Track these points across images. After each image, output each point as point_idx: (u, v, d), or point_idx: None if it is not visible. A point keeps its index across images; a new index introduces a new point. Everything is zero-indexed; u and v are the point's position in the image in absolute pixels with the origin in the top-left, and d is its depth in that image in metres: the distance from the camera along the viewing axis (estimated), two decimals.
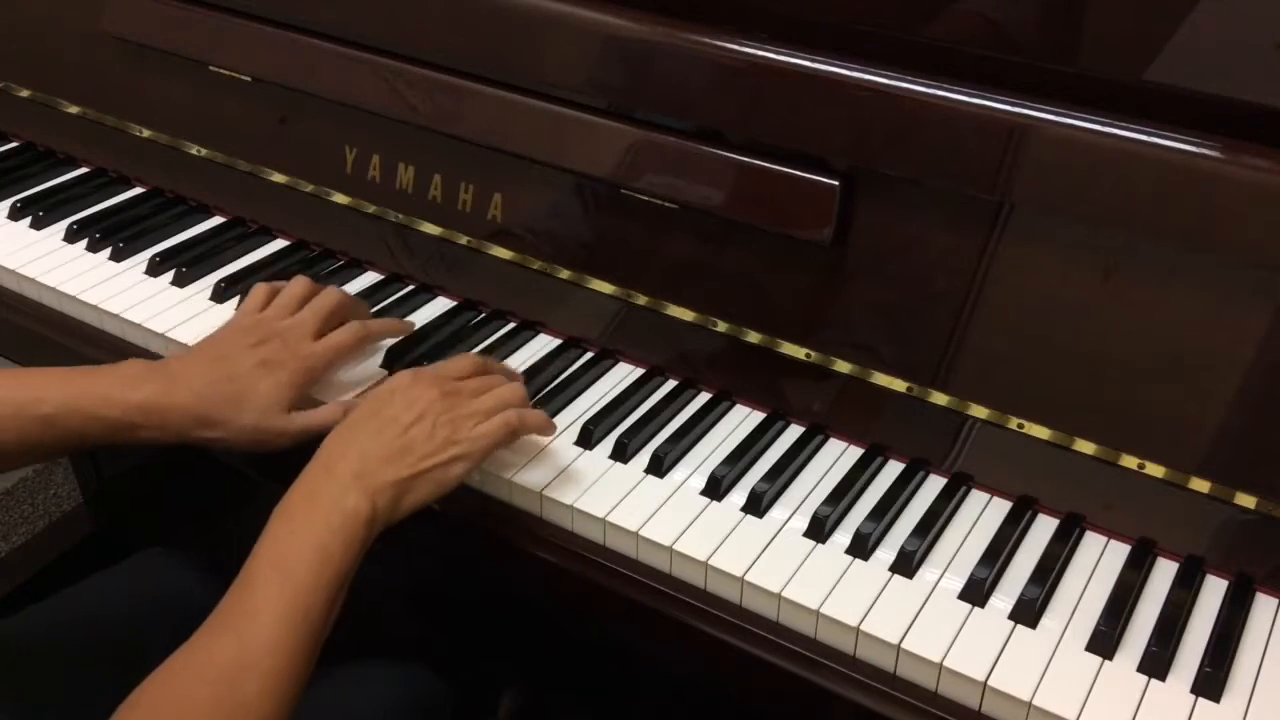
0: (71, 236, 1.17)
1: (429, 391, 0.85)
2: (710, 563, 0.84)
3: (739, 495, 0.90)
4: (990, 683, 0.76)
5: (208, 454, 1.13)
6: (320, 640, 0.75)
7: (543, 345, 1.06)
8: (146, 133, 1.25)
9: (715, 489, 0.90)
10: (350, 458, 0.80)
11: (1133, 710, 0.75)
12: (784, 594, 0.82)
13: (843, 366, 0.95)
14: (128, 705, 0.69)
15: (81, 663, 0.99)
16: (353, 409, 0.88)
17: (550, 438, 0.93)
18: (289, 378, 0.90)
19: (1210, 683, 0.77)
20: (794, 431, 0.96)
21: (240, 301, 1.08)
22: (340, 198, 1.15)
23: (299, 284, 0.98)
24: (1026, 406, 0.89)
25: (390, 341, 1.03)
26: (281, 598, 0.73)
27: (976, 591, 0.82)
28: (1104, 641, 0.79)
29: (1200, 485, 0.84)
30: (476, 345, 1.05)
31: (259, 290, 0.98)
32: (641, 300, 1.02)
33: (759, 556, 0.84)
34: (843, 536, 0.87)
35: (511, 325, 1.08)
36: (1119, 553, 0.87)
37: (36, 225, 1.20)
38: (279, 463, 1.02)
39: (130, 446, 0.89)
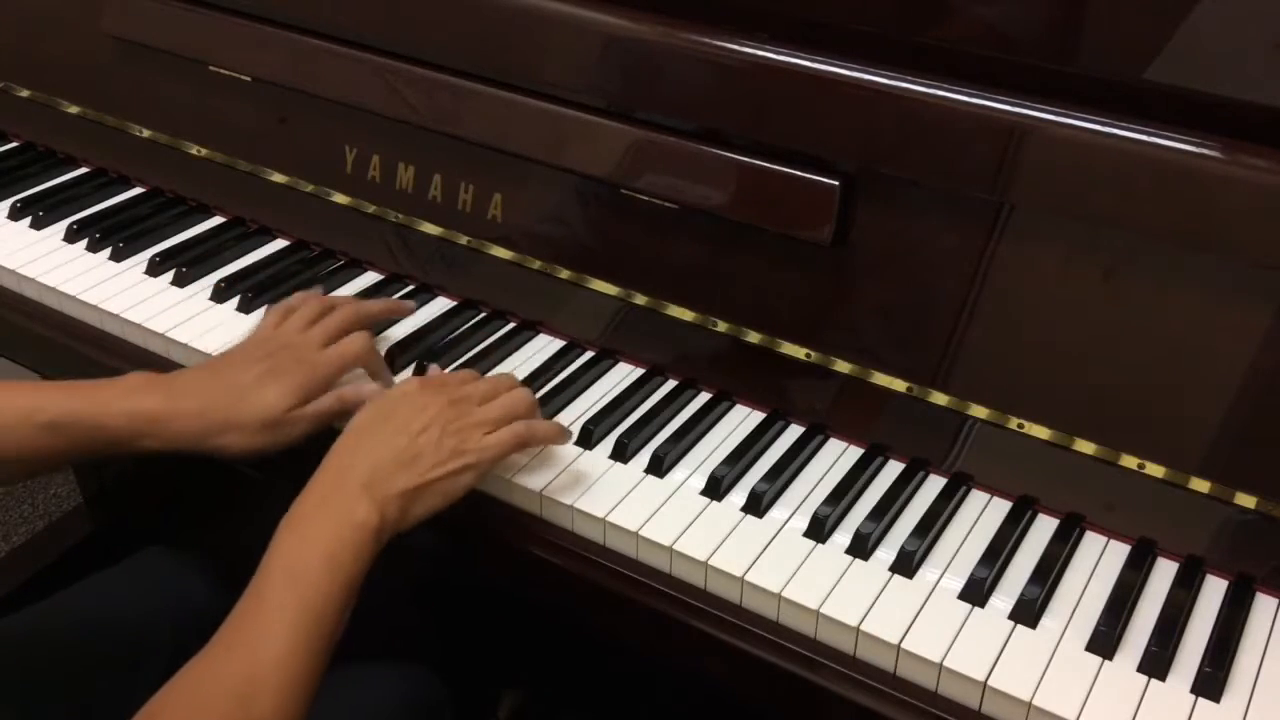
0: (71, 236, 1.17)
1: (436, 399, 0.85)
2: (710, 563, 0.84)
3: (739, 495, 0.90)
4: (990, 683, 0.76)
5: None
6: (330, 649, 0.75)
7: (543, 345, 1.06)
8: (146, 133, 1.25)
9: (715, 489, 0.90)
10: (359, 467, 0.80)
11: (1133, 710, 0.75)
12: (784, 594, 0.82)
13: (843, 366, 0.95)
14: (144, 712, 0.69)
15: (82, 662, 0.99)
16: (356, 403, 0.88)
17: (566, 444, 0.92)
18: (294, 382, 0.89)
19: (1210, 683, 0.77)
20: (794, 431, 0.96)
21: (239, 302, 1.08)
22: (340, 198, 1.15)
23: (313, 303, 0.98)
24: (1026, 406, 0.89)
25: (390, 342, 1.03)
26: (292, 609, 0.73)
27: (976, 591, 0.82)
28: (1104, 641, 0.79)
29: (1200, 485, 0.84)
30: (476, 345, 1.05)
31: (274, 310, 0.98)
32: (641, 300, 1.02)
33: (759, 556, 0.84)
34: (843, 536, 0.87)
35: (511, 325, 1.08)
36: (1119, 553, 0.87)
37: (36, 225, 1.20)
38: (281, 460, 1.02)
39: (134, 457, 0.88)
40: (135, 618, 1.03)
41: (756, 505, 0.89)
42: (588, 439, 0.94)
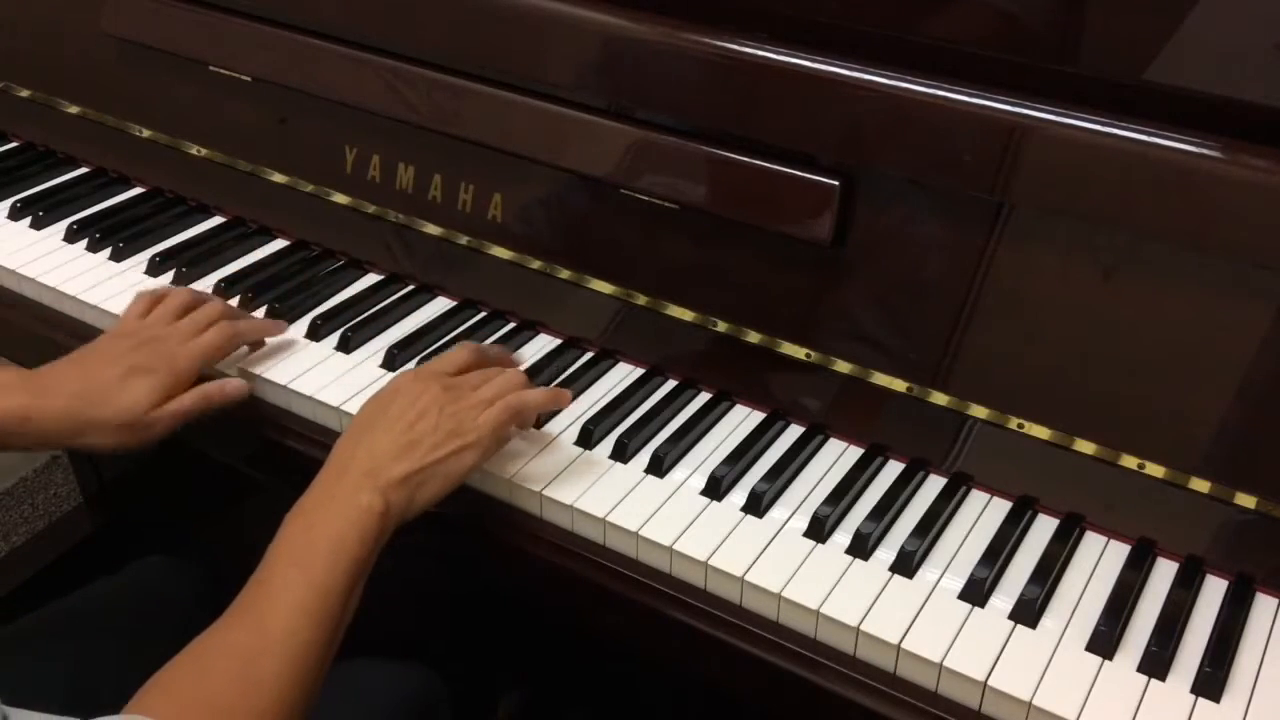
0: (71, 236, 1.17)
1: (430, 386, 0.87)
2: (710, 563, 0.84)
3: (739, 495, 0.90)
4: (990, 683, 0.76)
5: (207, 455, 1.13)
6: (339, 630, 0.76)
7: (543, 345, 1.06)
8: (146, 133, 1.26)
9: (715, 489, 0.90)
10: (360, 458, 0.82)
11: (1133, 710, 0.75)
12: (784, 594, 0.82)
13: (843, 366, 0.95)
14: (145, 689, 0.70)
15: (79, 671, 0.99)
16: (220, 401, 0.92)
17: (566, 406, 0.94)
18: (157, 381, 0.91)
19: (1210, 683, 0.77)
20: (794, 431, 0.96)
21: (239, 302, 1.08)
22: (340, 198, 1.15)
23: (180, 294, 1.00)
24: (1026, 406, 0.89)
25: (390, 341, 1.03)
26: (298, 587, 0.75)
27: (976, 591, 0.82)
28: (1104, 641, 0.79)
29: (1200, 485, 0.84)
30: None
31: (141, 297, 1.00)
32: (641, 300, 1.02)
33: (759, 556, 0.84)
34: (843, 536, 0.87)
35: (511, 325, 1.08)
36: (1119, 553, 0.87)
37: (36, 225, 1.20)
38: (280, 461, 1.02)
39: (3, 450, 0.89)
40: (133, 626, 1.03)
41: (756, 505, 0.89)
42: (588, 439, 0.94)
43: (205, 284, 1.11)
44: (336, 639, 0.76)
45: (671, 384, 1.01)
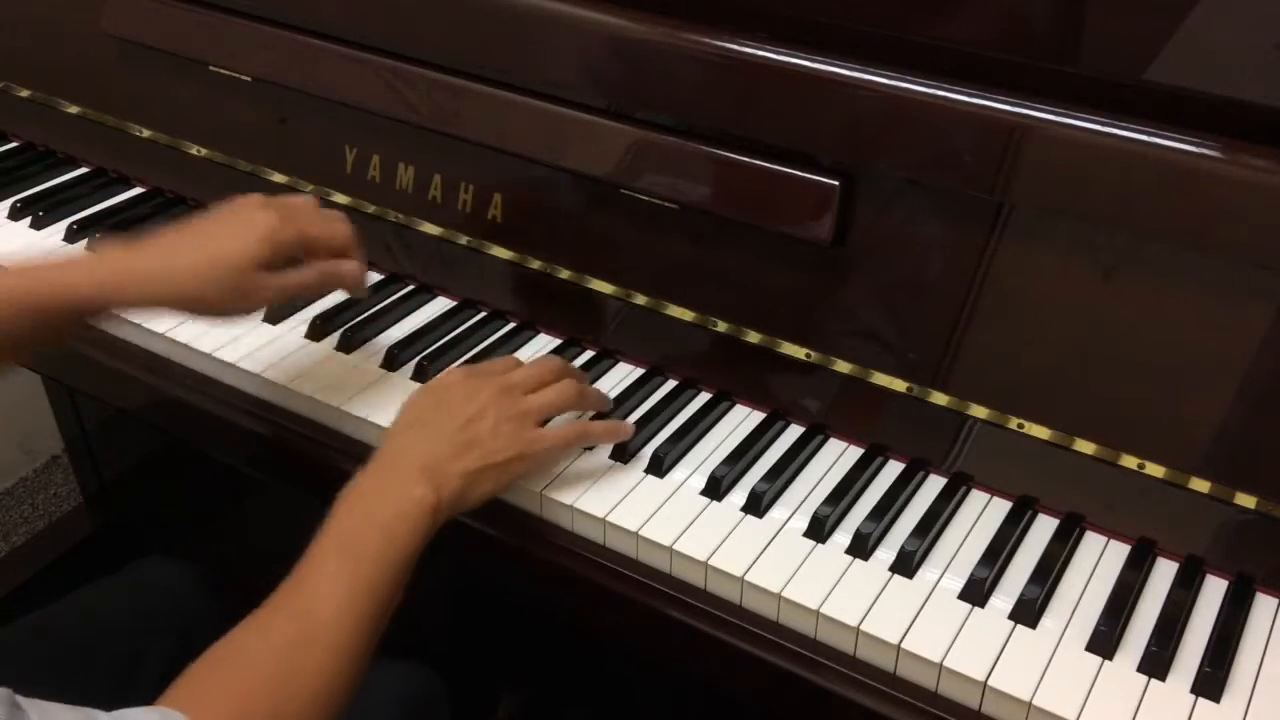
0: (71, 236, 1.17)
1: (486, 385, 0.86)
2: (710, 563, 0.84)
3: (739, 495, 0.90)
4: (990, 683, 0.76)
5: (208, 454, 1.13)
6: (384, 620, 0.76)
7: (542, 345, 1.06)
8: (146, 133, 1.25)
9: (715, 489, 0.90)
10: (416, 452, 0.81)
11: (1133, 710, 0.75)
12: (784, 594, 0.82)
13: (843, 366, 0.95)
14: (183, 677, 0.70)
15: (80, 671, 0.99)
16: (335, 281, 0.90)
17: (627, 437, 0.93)
18: (265, 228, 0.88)
19: (1210, 683, 0.77)
20: (794, 431, 0.96)
21: None
22: (340, 198, 1.15)
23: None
24: (1026, 406, 0.89)
25: (390, 341, 1.03)
26: (345, 576, 0.74)
27: (976, 591, 0.82)
28: (1104, 641, 0.79)
29: (1200, 485, 0.84)
30: (476, 345, 1.05)
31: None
32: (641, 300, 1.02)
33: (759, 556, 0.84)
34: (843, 536, 0.87)
35: (511, 325, 1.08)
36: (1119, 553, 0.87)
37: (36, 225, 1.20)
38: (280, 462, 1.02)
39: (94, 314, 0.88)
40: (134, 625, 1.03)
41: (756, 505, 0.89)
42: None
43: None
44: (380, 630, 0.75)
45: (671, 384, 1.01)
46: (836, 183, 0.90)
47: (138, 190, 1.27)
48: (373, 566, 0.75)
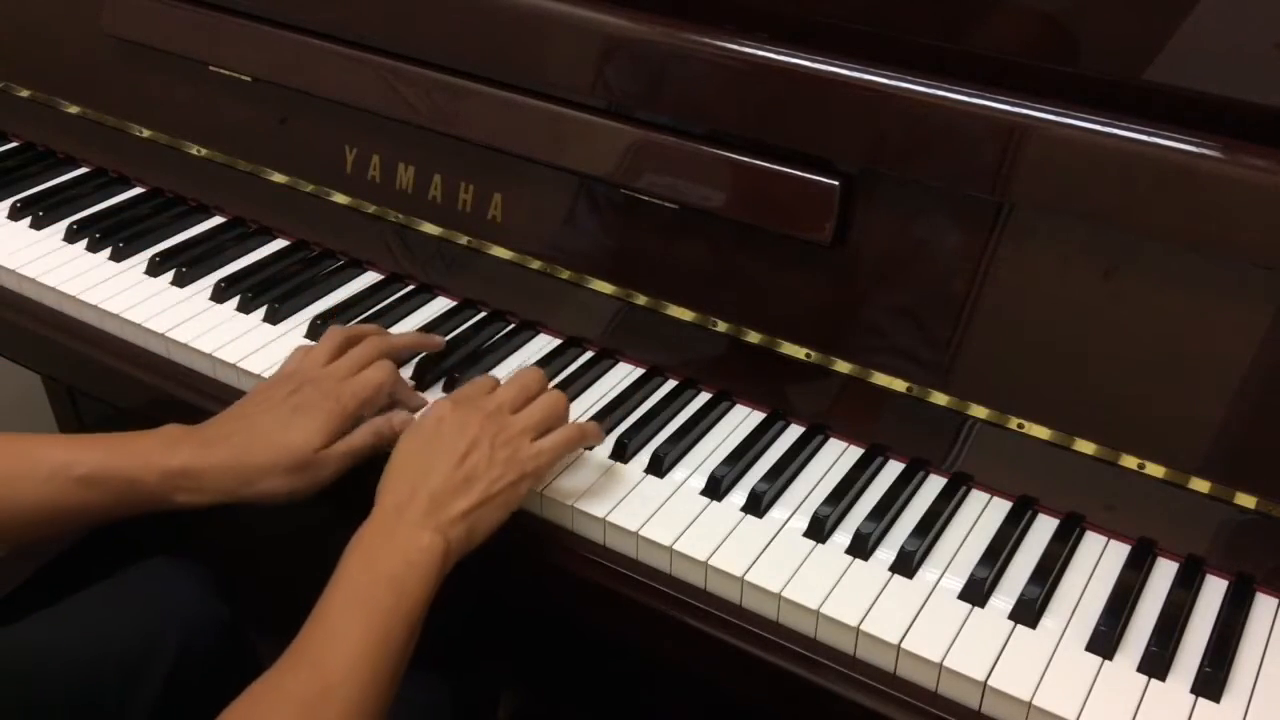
0: (71, 236, 1.17)
1: (474, 415, 0.85)
2: (710, 563, 0.84)
3: (739, 495, 0.90)
4: (990, 683, 0.76)
5: None
6: (399, 670, 0.74)
7: (543, 345, 1.06)
8: (146, 133, 1.25)
9: (715, 489, 0.90)
10: (418, 497, 0.80)
11: (1133, 710, 0.75)
12: (784, 594, 0.82)
13: (843, 366, 0.95)
14: None
15: (87, 674, 0.99)
16: (391, 436, 0.88)
17: (598, 443, 0.92)
18: (323, 419, 0.87)
19: (1210, 683, 0.77)
20: (794, 431, 0.96)
21: (239, 302, 1.08)
22: (340, 198, 1.15)
23: (335, 333, 0.96)
24: (1026, 406, 0.89)
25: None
26: (358, 631, 0.73)
27: (976, 591, 0.82)
28: (1104, 641, 0.79)
29: (1200, 485, 0.84)
30: (476, 345, 1.05)
31: (298, 350, 0.96)
32: (641, 300, 1.02)
33: (759, 556, 0.84)
34: (843, 536, 0.87)
35: (511, 325, 1.08)
36: (1119, 553, 0.87)
37: (36, 225, 1.20)
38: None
39: (173, 512, 0.87)
40: (140, 628, 1.03)
41: (756, 505, 0.89)
42: None
43: (205, 284, 1.11)
44: (396, 682, 0.74)
45: (671, 384, 1.01)
46: (837, 183, 0.90)
47: (138, 190, 1.27)
48: (384, 620, 0.74)
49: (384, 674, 0.73)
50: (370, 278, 1.14)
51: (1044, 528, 0.88)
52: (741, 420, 0.98)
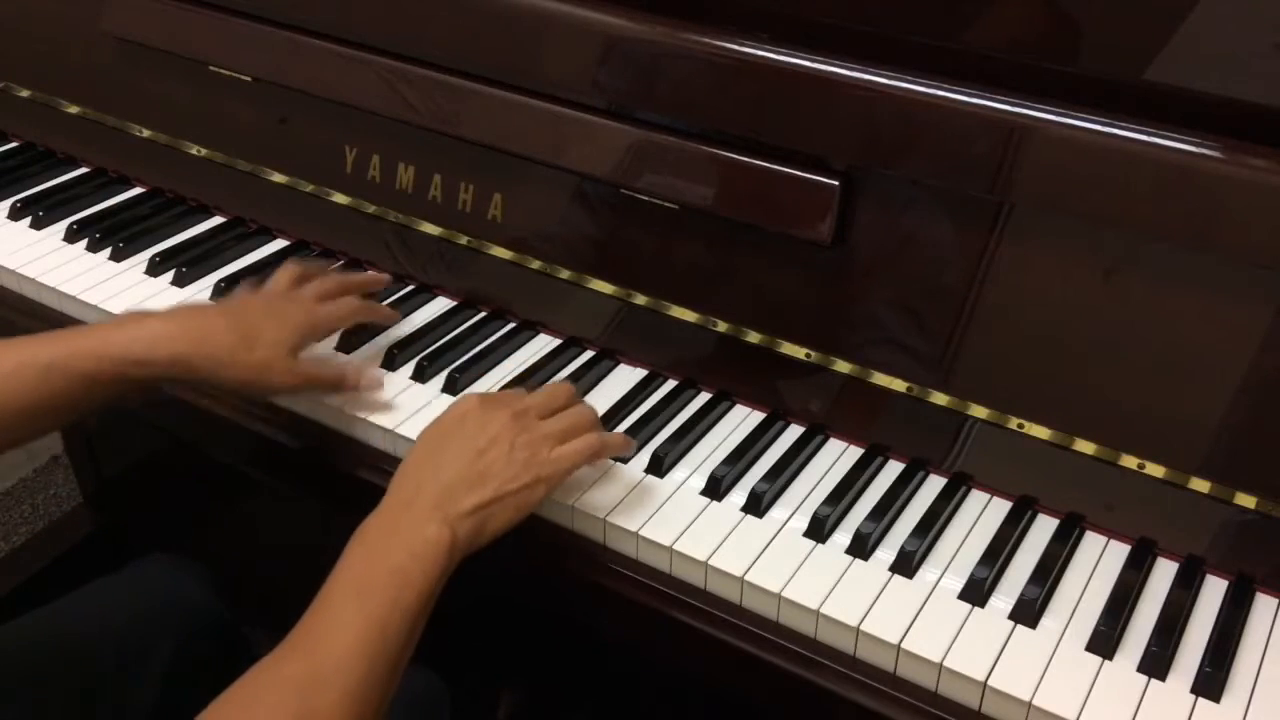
0: (71, 236, 1.17)
1: (500, 414, 0.84)
2: (710, 563, 0.84)
3: (739, 495, 0.90)
4: (990, 683, 0.76)
5: (207, 454, 1.13)
6: (401, 663, 0.74)
7: (543, 345, 1.06)
8: (146, 133, 1.25)
9: (715, 489, 0.90)
10: (428, 488, 0.79)
11: (1133, 710, 0.75)
12: (784, 594, 0.82)
13: (843, 366, 0.95)
14: (200, 718, 0.69)
15: (84, 668, 0.99)
16: (354, 381, 0.94)
17: (630, 455, 0.92)
18: (293, 323, 0.93)
19: (1210, 683, 0.77)
20: (794, 431, 0.96)
21: None
22: (340, 198, 1.15)
23: (290, 266, 1.01)
24: (1026, 406, 0.89)
25: (390, 341, 1.03)
26: (358, 620, 0.72)
27: (976, 591, 0.82)
28: (1104, 641, 0.79)
29: (1200, 485, 0.84)
30: (476, 345, 1.05)
31: (287, 267, 1.01)
32: (641, 300, 1.02)
33: (759, 556, 0.84)
34: (843, 536, 0.87)
35: (511, 325, 1.08)
36: (1119, 553, 0.87)
37: (36, 225, 1.20)
38: (278, 460, 1.02)
39: (124, 396, 0.90)
40: (137, 624, 1.03)
41: (756, 505, 0.89)
42: None
43: (205, 284, 1.11)
44: (399, 671, 0.73)
45: (671, 384, 1.01)
46: (836, 183, 0.90)
47: (138, 190, 1.27)
48: (385, 610, 0.73)
49: (382, 665, 0.72)
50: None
51: (1044, 528, 0.88)
52: (741, 420, 0.98)
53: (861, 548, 0.85)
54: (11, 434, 0.86)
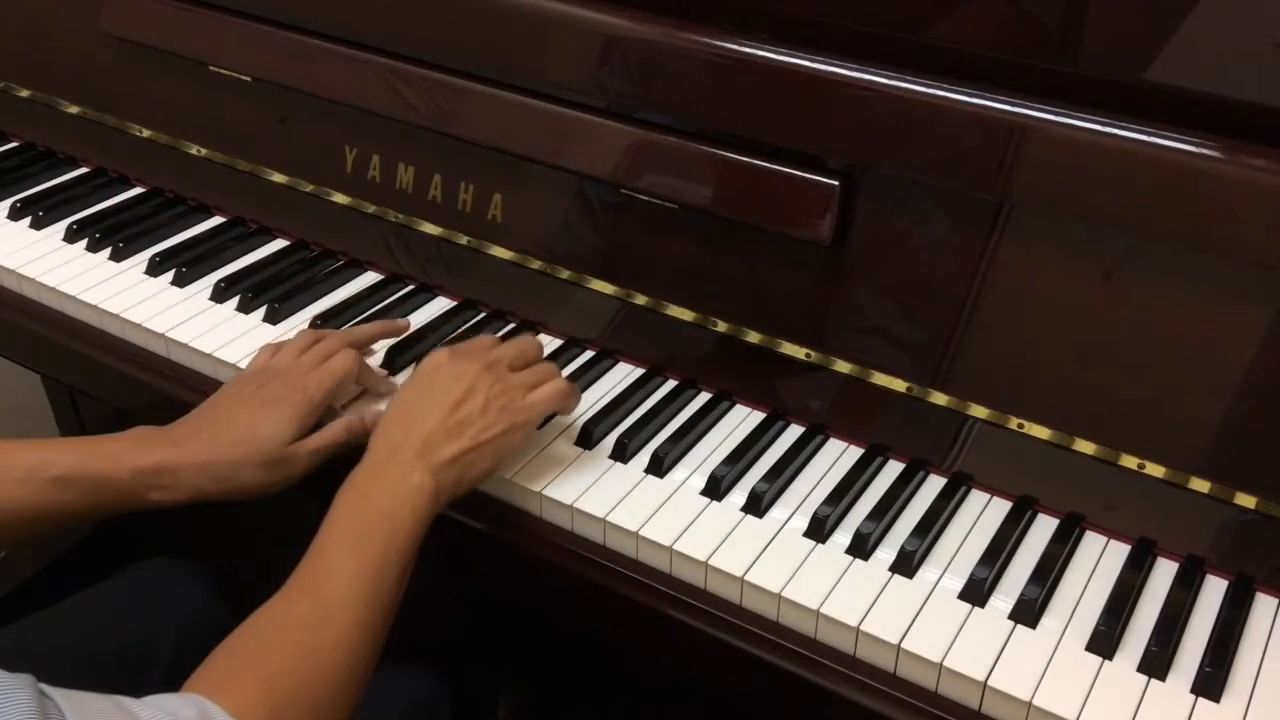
0: (71, 236, 1.17)
1: (472, 364, 0.87)
2: (710, 563, 0.84)
3: (739, 495, 0.90)
4: (990, 683, 0.76)
5: None
6: (394, 602, 0.78)
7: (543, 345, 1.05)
8: (146, 133, 1.26)
9: (715, 489, 0.90)
10: (411, 439, 0.83)
11: (1133, 710, 0.75)
12: (784, 594, 0.82)
13: (843, 366, 0.95)
14: (208, 661, 0.72)
15: (86, 673, 0.99)
16: (363, 431, 0.90)
17: (571, 416, 0.95)
18: (290, 411, 0.89)
19: (1210, 683, 0.77)
20: (794, 431, 0.96)
21: (239, 302, 1.08)
22: (340, 198, 1.15)
23: (303, 336, 0.98)
24: (1026, 406, 0.89)
25: (389, 341, 1.03)
26: (354, 560, 0.77)
27: (976, 591, 0.82)
28: (1104, 641, 0.79)
29: (1200, 485, 0.84)
30: None
31: (265, 347, 0.98)
32: (641, 300, 1.02)
33: (759, 556, 0.84)
34: (843, 536, 0.87)
35: (511, 325, 1.08)
36: (1119, 553, 0.87)
37: (36, 225, 1.20)
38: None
39: (147, 510, 0.88)
40: (138, 628, 1.03)
41: (756, 505, 0.89)
42: (588, 439, 0.94)
43: (205, 284, 1.11)
44: (392, 609, 0.78)
45: (671, 384, 1.01)
46: (837, 183, 0.90)
47: (138, 190, 1.27)
48: (379, 552, 0.77)
49: (379, 601, 0.77)
50: (370, 278, 1.14)
51: (1044, 528, 0.88)
52: (741, 420, 0.98)
53: (861, 548, 0.85)
54: (9, 537, 0.87)
